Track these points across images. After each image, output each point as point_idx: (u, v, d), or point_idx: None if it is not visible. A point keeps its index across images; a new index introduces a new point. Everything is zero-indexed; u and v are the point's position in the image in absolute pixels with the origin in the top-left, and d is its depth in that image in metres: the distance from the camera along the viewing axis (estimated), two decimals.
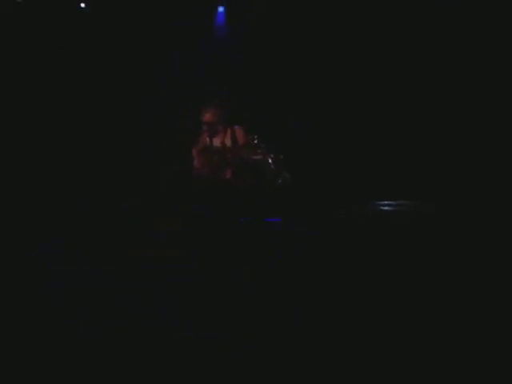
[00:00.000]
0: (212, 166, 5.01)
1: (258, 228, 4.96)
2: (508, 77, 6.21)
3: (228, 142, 5.08)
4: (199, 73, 6.82)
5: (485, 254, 4.53)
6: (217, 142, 5.12)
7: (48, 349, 3.26)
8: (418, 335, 3.30)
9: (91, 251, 5.17)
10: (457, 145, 6.35)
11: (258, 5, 6.78)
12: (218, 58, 6.90)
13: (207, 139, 5.16)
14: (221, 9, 6.95)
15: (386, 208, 5.76)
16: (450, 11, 6.37)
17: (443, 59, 6.48)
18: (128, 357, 3.16)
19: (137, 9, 6.91)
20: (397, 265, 4.43)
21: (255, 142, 4.85)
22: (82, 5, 6.88)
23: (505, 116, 6.23)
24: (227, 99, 5.47)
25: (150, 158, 6.81)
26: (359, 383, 2.90)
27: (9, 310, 3.80)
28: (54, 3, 6.90)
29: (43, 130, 6.85)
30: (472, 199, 5.84)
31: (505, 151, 6.17)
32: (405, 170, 6.41)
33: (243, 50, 6.78)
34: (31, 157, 6.74)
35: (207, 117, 5.11)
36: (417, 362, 3.01)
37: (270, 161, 4.83)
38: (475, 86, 6.33)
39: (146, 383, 2.96)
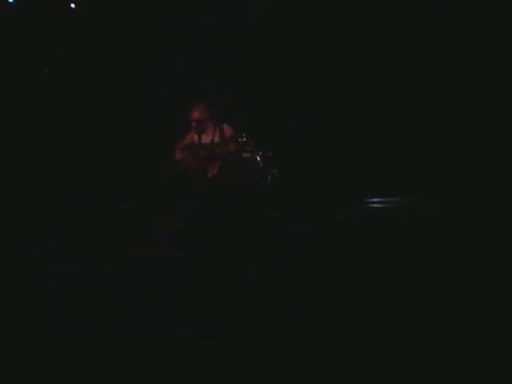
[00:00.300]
0: (199, 162, 5.03)
1: (257, 228, 4.96)
2: (508, 77, 6.21)
3: (216, 139, 5.13)
4: (199, 73, 6.82)
5: (484, 252, 4.53)
6: (206, 138, 5.16)
7: (48, 349, 3.26)
8: (417, 335, 3.30)
9: (91, 251, 5.17)
10: (455, 144, 6.34)
11: (258, 5, 6.78)
12: (217, 58, 6.90)
13: (195, 136, 5.20)
14: None
15: (384, 206, 5.76)
16: (450, 11, 6.37)
17: (442, 59, 6.48)
18: (128, 357, 3.16)
19: (137, 9, 6.91)
20: (397, 264, 4.43)
21: (244, 139, 4.88)
22: (73, 5, 6.88)
23: (503, 115, 6.23)
24: (222, 98, 5.50)
25: (149, 158, 6.81)
26: (359, 383, 2.91)
27: (9, 310, 3.80)
28: (54, 3, 6.91)
29: (43, 130, 6.85)
30: (472, 197, 5.84)
31: (503, 149, 6.16)
32: (405, 168, 6.41)
33: (243, 50, 6.78)
34: (31, 157, 6.74)
35: (196, 114, 5.16)
36: (416, 361, 3.01)
37: (258, 158, 4.85)
38: (474, 86, 6.33)
39: (147, 383, 2.96)
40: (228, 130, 5.18)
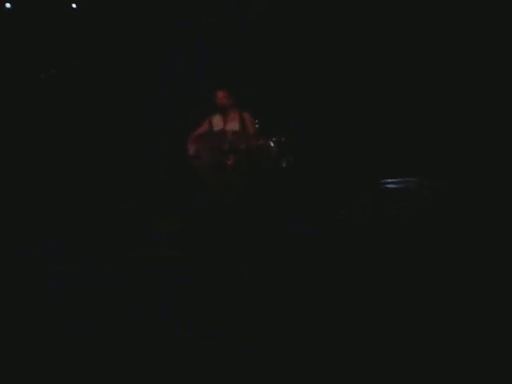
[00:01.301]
0: (215, 151, 4.96)
1: (257, 228, 4.96)
2: (508, 77, 6.21)
3: (236, 127, 5.04)
4: (199, 73, 6.82)
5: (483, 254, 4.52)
6: (230, 126, 5.07)
7: (48, 349, 3.26)
8: (418, 335, 3.30)
9: (91, 251, 5.17)
10: (455, 149, 6.33)
11: (258, 5, 6.78)
12: (217, 58, 6.90)
13: (210, 124, 5.13)
14: None
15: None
16: (450, 11, 6.37)
17: (443, 59, 6.48)
18: (128, 357, 3.16)
19: (137, 9, 6.92)
20: (397, 265, 4.43)
21: (257, 126, 4.85)
22: (73, 5, 6.88)
23: (504, 119, 6.21)
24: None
25: (149, 157, 6.82)
26: (359, 383, 2.91)
27: (9, 310, 3.80)
28: (54, 3, 6.92)
29: (43, 130, 6.86)
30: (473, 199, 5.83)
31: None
32: (404, 171, 6.41)
33: (243, 50, 6.78)
34: (31, 157, 6.75)
35: (221, 99, 5.09)
36: (417, 361, 3.01)
37: (272, 144, 4.78)
38: (474, 87, 6.33)
39: (146, 383, 2.96)
40: (248, 118, 5.09)
